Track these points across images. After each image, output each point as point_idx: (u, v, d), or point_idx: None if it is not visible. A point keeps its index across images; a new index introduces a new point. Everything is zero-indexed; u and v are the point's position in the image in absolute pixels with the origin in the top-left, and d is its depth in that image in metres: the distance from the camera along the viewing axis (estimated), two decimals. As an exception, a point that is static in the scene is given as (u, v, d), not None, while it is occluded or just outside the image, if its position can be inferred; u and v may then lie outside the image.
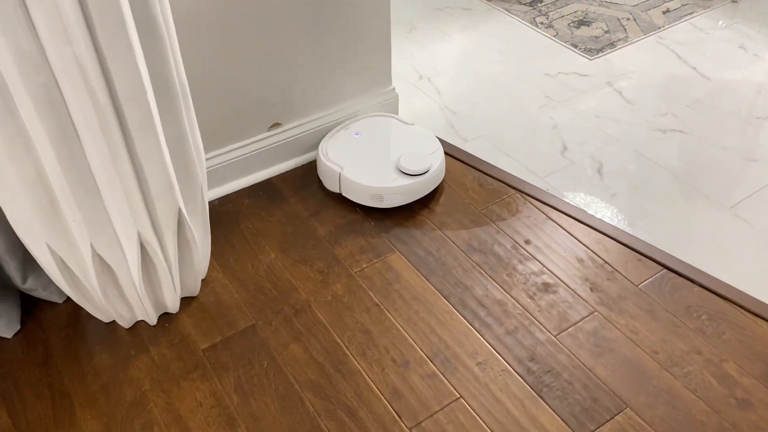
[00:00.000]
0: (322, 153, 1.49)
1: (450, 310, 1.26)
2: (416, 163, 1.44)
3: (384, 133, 1.55)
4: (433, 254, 1.37)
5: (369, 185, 1.42)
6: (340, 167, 1.45)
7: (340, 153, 1.49)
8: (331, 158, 1.47)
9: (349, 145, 1.51)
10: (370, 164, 1.46)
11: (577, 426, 1.08)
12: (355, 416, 1.10)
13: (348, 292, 1.30)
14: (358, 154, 1.48)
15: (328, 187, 1.50)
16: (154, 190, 1.05)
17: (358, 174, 1.43)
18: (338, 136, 1.53)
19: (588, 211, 1.47)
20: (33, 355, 1.20)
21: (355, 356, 1.19)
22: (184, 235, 1.16)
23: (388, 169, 1.44)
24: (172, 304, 1.24)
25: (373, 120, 1.59)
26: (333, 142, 1.51)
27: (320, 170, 1.51)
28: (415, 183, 1.43)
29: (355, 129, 1.54)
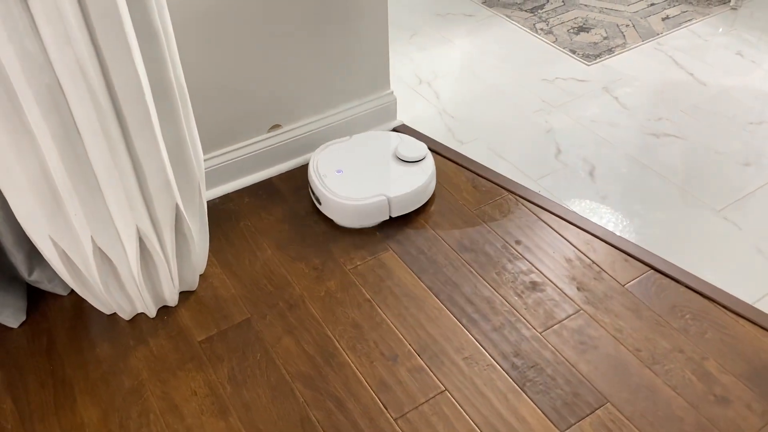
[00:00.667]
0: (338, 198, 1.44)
1: (439, 307, 1.30)
2: (413, 151, 1.50)
3: (365, 159, 1.53)
4: (425, 253, 1.41)
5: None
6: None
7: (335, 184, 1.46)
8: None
9: (337, 180, 1.47)
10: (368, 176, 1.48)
11: (558, 419, 1.11)
12: (343, 406, 1.14)
13: (341, 288, 1.34)
14: (348, 185, 1.45)
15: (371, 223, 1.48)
16: (153, 187, 1.10)
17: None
18: (324, 174, 1.48)
19: (579, 212, 1.50)
20: (37, 345, 1.25)
21: (345, 349, 1.23)
22: (181, 231, 1.21)
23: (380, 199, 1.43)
24: (170, 297, 1.29)
25: (354, 143, 1.57)
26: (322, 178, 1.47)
27: (355, 213, 1.45)
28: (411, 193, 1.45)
29: (336, 166, 1.49)
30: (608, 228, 1.46)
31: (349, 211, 1.43)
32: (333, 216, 1.46)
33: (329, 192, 1.44)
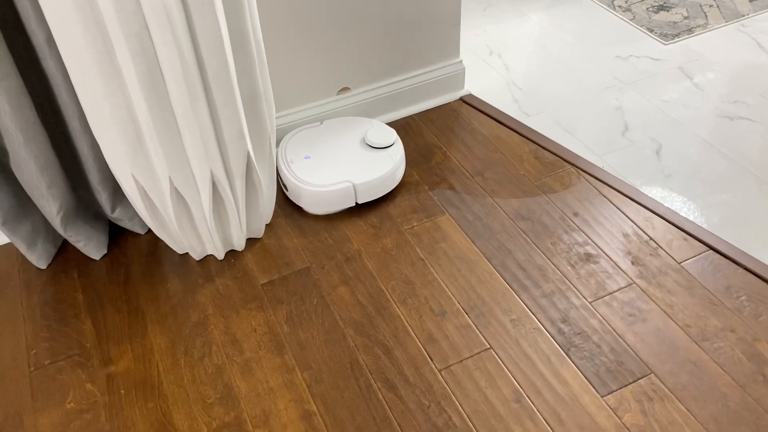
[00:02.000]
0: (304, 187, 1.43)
1: (490, 271, 1.33)
2: (382, 137, 1.49)
3: (334, 145, 1.51)
4: (482, 219, 1.44)
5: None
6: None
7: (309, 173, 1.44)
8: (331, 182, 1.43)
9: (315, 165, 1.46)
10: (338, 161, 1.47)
11: (599, 384, 1.13)
12: (391, 354, 1.19)
13: (396, 246, 1.39)
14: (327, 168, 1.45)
15: (338, 209, 1.47)
16: (227, 135, 1.18)
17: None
18: (291, 159, 1.47)
19: (641, 189, 1.49)
20: (115, 276, 1.37)
21: (396, 302, 1.28)
22: (251, 180, 1.29)
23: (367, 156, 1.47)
24: (238, 242, 1.37)
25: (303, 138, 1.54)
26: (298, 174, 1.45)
27: (316, 204, 1.45)
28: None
29: (304, 152, 1.49)
30: (670, 206, 1.45)
31: (315, 197, 1.42)
32: (299, 202, 1.45)
33: (295, 178, 1.42)
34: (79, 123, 1.23)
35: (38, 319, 1.29)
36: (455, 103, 1.77)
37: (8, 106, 1.12)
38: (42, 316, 1.29)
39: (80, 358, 1.21)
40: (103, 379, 1.18)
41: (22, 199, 1.32)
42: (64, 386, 1.17)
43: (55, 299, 1.32)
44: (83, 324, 1.27)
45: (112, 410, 1.13)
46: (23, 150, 1.19)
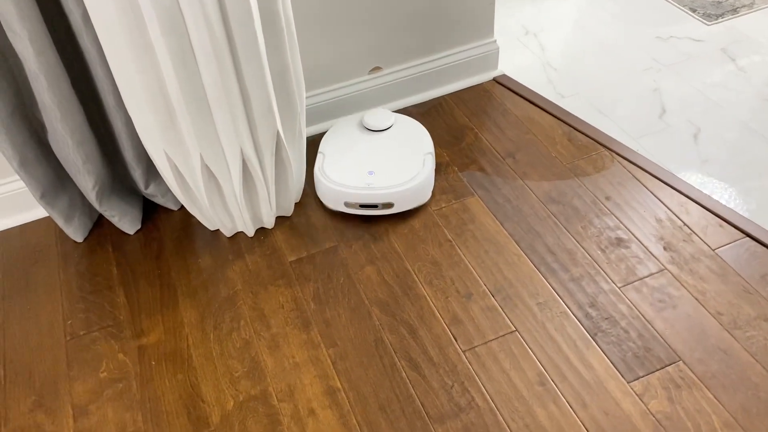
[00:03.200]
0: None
1: (519, 253, 1.32)
2: (380, 120, 1.46)
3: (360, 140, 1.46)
4: (511, 201, 1.43)
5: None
6: None
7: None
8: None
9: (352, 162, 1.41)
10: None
11: (626, 370, 1.11)
12: (415, 334, 1.20)
13: (424, 227, 1.39)
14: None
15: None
16: (257, 113, 1.18)
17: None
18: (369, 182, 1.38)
19: (676, 174, 1.46)
20: (148, 251, 1.40)
21: (422, 283, 1.28)
22: (281, 158, 1.30)
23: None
24: (267, 219, 1.39)
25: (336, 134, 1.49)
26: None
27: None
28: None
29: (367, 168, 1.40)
30: (705, 192, 1.41)
31: (423, 184, 1.38)
32: (416, 202, 1.39)
33: (396, 187, 1.35)
34: (114, 99, 1.25)
35: (74, 290, 1.33)
36: (488, 84, 1.75)
37: (46, 82, 1.15)
38: (78, 288, 1.33)
39: (113, 330, 1.25)
40: (135, 350, 1.21)
41: (59, 173, 1.36)
42: (98, 356, 1.21)
43: (90, 272, 1.36)
44: (117, 296, 1.31)
45: (143, 380, 1.17)
46: (60, 125, 1.22)
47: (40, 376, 1.19)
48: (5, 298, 1.32)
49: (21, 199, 1.45)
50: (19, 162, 1.26)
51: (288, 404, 1.11)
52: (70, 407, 1.14)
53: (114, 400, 1.14)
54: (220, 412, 1.11)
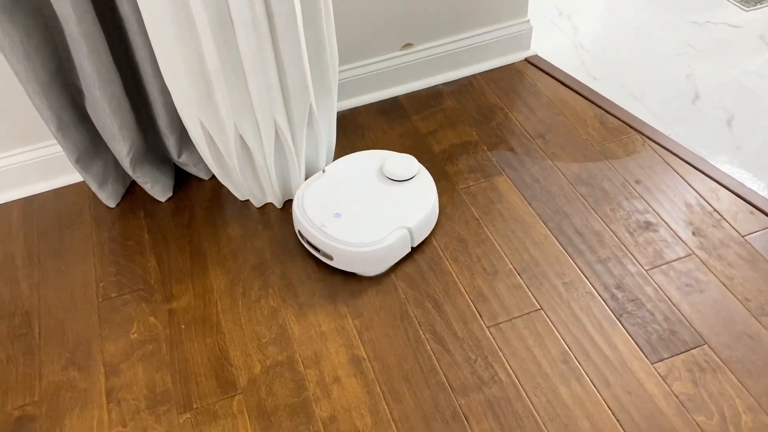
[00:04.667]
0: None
1: (546, 234, 1.32)
2: (403, 169, 1.31)
3: (353, 186, 1.31)
4: (540, 182, 1.43)
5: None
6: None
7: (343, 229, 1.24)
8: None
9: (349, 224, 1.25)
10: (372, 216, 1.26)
11: (650, 351, 1.12)
12: (440, 308, 1.21)
13: (451, 204, 1.40)
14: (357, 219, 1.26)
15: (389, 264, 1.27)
16: (291, 85, 1.19)
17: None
18: (322, 224, 1.25)
19: (708, 160, 1.45)
20: (180, 219, 1.42)
21: (448, 259, 1.29)
22: (313, 131, 1.31)
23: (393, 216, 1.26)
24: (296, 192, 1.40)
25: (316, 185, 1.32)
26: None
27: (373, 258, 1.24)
28: (428, 214, 1.28)
29: (329, 210, 1.27)
30: (738, 179, 1.40)
31: (371, 257, 1.23)
32: (352, 268, 1.25)
33: (339, 242, 1.21)
34: (151, 67, 1.26)
35: (107, 254, 1.36)
36: (520, 64, 1.74)
37: (86, 48, 1.17)
38: (110, 251, 1.36)
39: (144, 293, 1.28)
40: (165, 313, 1.24)
41: (95, 139, 1.38)
42: (129, 318, 1.24)
43: (122, 236, 1.39)
44: (148, 261, 1.33)
45: (173, 343, 1.19)
46: (98, 91, 1.24)
47: (73, 335, 1.22)
48: (40, 259, 1.36)
49: (56, 163, 1.48)
50: (56, 125, 1.29)
51: (314, 371, 1.14)
52: (102, 365, 1.17)
53: (144, 360, 1.17)
54: (248, 375, 1.14)
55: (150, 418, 1.09)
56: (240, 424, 1.07)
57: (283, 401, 1.10)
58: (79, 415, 1.10)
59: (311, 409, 1.08)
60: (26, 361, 1.19)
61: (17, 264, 1.35)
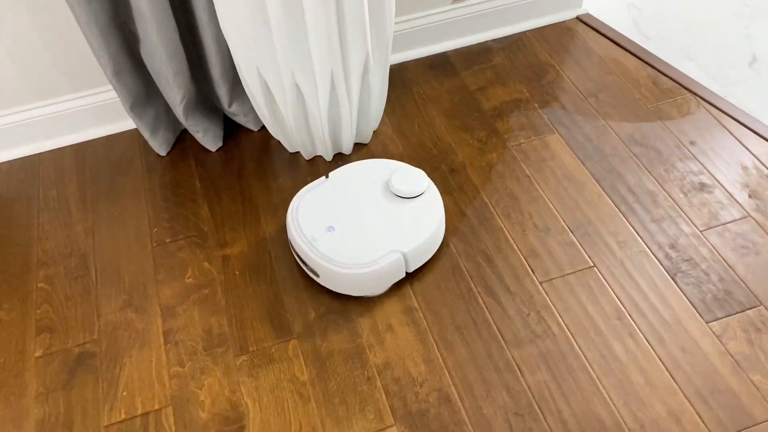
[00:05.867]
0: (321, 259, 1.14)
1: (599, 192, 1.31)
2: (411, 185, 1.20)
3: (354, 193, 1.22)
4: (592, 141, 1.41)
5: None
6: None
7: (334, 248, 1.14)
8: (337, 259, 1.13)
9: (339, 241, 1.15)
10: (365, 238, 1.15)
11: (705, 311, 1.11)
12: (492, 263, 1.21)
13: (502, 161, 1.39)
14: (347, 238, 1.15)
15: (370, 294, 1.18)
16: (350, 34, 1.18)
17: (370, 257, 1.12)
18: (312, 237, 1.16)
19: (765, 123, 1.42)
20: (230, 168, 1.43)
21: (499, 216, 1.29)
22: (366, 83, 1.30)
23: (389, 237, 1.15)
24: (347, 145, 1.40)
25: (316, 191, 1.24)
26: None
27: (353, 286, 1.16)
28: (431, 234, 1.17)
29: (324, 223, 1.17)
30: (796, 142, 1.37)
31: (358, 280, 1.13)
32: (337, 288, 1.16)
33: (326, 260, 1.12)
34: (207, 14, 1.26)
35: (159, 201, 1.37)
36: (571, 22, 1.71)
37: (146, -9, 1.16)
38: (162, 198, 1.38)
39: (198, 239, 1.29)
40: (219, 259, 1.26)
41: (148, 86, 1.39)
42: (184, 263, 1.26)
43: (174, 184, 1.40)
44: (200, 209, 1.35)
45: (227, 288, 1.21)
46: (155, 36, 1.24)
47: (129, 278, 1.24)
48: (93, 204, 1.38)
49: (107, 110, 1.49)
50: (113, 70, 1.29)
51: (367, 319, 1.15)
52: (158, 307, 1.19)
53: (200, 303, 1.19)
54: (302, 321, 1.15)
55: (207, 359, 1.12)
56: (296, 367, 1.09)
57: (338, 347, 1.12)
58: (137, 353, 1.13)
59: (365, 356, 1.10)
60: (84, 301, 1.21)
61: (71, 208, 1.37)
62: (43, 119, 1.46)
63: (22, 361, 1.14)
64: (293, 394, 1.06)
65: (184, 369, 1.11)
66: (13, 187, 1.42)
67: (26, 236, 1.33)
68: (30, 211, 1.37)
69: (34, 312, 1.20)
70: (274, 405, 1.05)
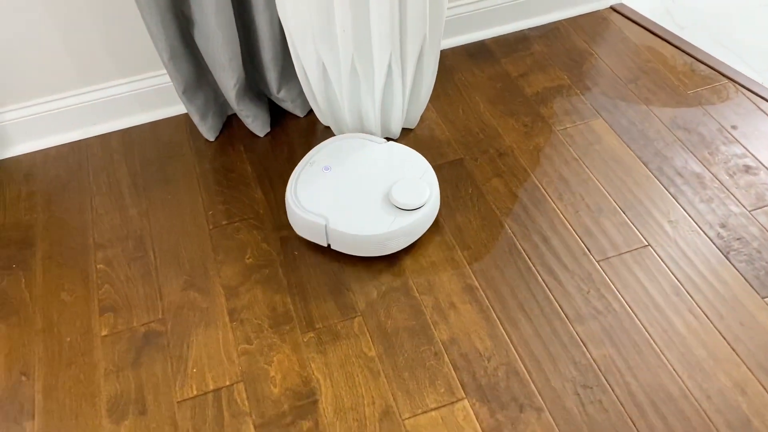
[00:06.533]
0: (293, 199, 1.22)
1: (647, 174, 1.34)
2: (414, 197, 1.19)
3: (358, 161, 1.28)
4: (636, 125, 1.44)
5: (369, 235, 1.17)
6: (324, 218, 1.18)
7: (316, 199, 1.21)
8: (308, 208, 1.20)
9: (322, 186, 1.23)
10: (359, 206, 1.20)
11: (760, 287, 1.14)
12: (548, 243, 1.24)
13: (549, 145, 1.41)
14: (339, 196, 1.22)
15: (314, 241, 1.24)
16: (410, 17, 1.20)
17: (349, 224, 1.18)
18: (305, 176, 1.25)
19: (804, 108, 1.45)
20: (279, 153, 1.44)
21: (551, 197, 1.31)
22: (420, 66, 1.32)
23: (382, 208, 1.20)
24: (396, 128, 1.42)
25: (338, 145, 1.32)
26: (302, 186, 1.24)
27: (294, 222, 1.24)
28: (420, 218, 1.20)
29: (321, 162, 1.27)
30: (836, 126, 1.41)
31: (293, 218, 1.23)
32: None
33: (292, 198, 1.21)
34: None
35: (211, 184, 1.39)
36: (605, 11, 1.73)
37: (210, -26, 1.18)
38: (215, 182, 1.39)
39: (254, 222, 1.31)
40: (277, 240, 1.27)
41: (199, 71, 1.40)
42: (242, 244, 1.27)
43: (225, 168, 1.42)
44: (254, 192, 1.36)
45: (288, 268, 1.23)
46: (213, 18, 1.25)
47: (189, 259, 1.26)
48: (145, 188, 1.39)
49: (151, 96, 1.50)
50: (169, 55, 1.30)
51: (429, 297, 1.17)
52: (221, 287, 1.21)
53: (262, 283, 1.21)
54: (365, 299, 1.17)
55: (274, 337, 1.13)
56: (363, 343, 1.11)
57: (403, 324, 1.13)
58: (203, 332, 1.15)
59: (430, 332, 1.12)
60: (145, 282, 1.23)
61: (123, 192, 1.38)
62: (91, 104, 1.47)
63: (88, 341, 1.15)
64: (363, 369, 1.08)
65: (251, 346, 1.12)
66: (63, 171, 1.43)
67: (81, 219, 1.34)
68: (82, 195, 1.38)
69: (96, 293, 1.21)
70: (345, 379, 1.07)
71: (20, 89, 1.40)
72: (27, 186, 1.41)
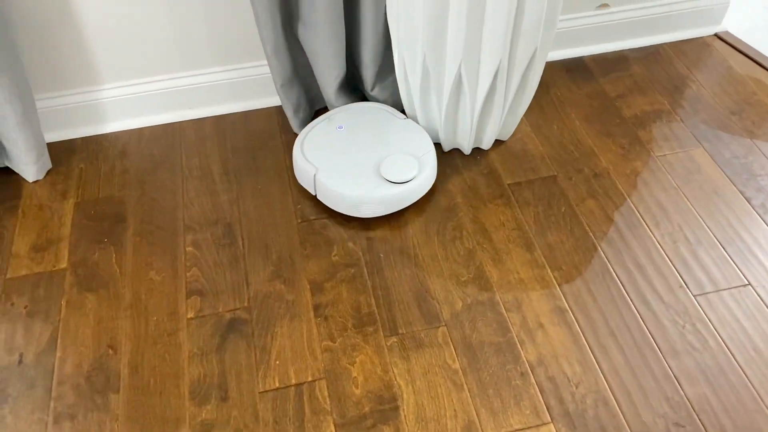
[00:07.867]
0: (299, 145, 1.33)
1: (749, 211, 1.29)
2: (400, 171, 1.25)
3: (372, 128, 1.36)
4: (740, 158, 1.38)
5: (346, 193, 1.25)
6: (315, 167, 1.28)
7: (318, 150, 1.31)
8: (307, 156, 1.30)
9: (329, 141, 1.33)
10: (350, 166, 1.28)
11: None
12: (643, 271, 1.20)
13: (648, 170, 1.37)
14: (338, 153, 1.31)
15: (306, 187, 1.33)
16: (525, 26, 1.18)
17: (334, 179, 1.26)
18: (319, 129, 1.36)
19: None
20: (369, 153, 1.44)
21: (648, 224, 1.27)
22: (525, 78, 1.30)
23: (370, 174, 1.27)
24: (488, 139, 1.40)
25: (361, 110, 1.40)
26: (312, 136, 1.34)
27: (295, 166, 1.34)
28: (400, 193, 1.26)
29: (338, 121, 1.36)
30: None
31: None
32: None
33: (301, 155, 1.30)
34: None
35: (300, 178, 1.39)
36: (709, 38, 1.68)
37: (329, -31, 1.18)
38: (304, 176, 1.39)
39: (342, 219, 1.31)
40: (364, 240, 1.27)
41: (297, 65, 1.41)
42: (329, 241, 1.27)
43: (314, 163, 1.42)
44: (343, 190, 1.36)
45: (373, 269, 1.22)
46: (322, 14, 1.25)
47: (276, 250, 1.26)
48: (236, 176, 1.40)
49: (246, 86, 1.51)
50: (273, 47, 1.31)
51: (516, 315, 1.14)
52: (307, 282, 1.21)
53: (347, 282, 1.20)
54: (450, 310, 1.15)
55: (358, 337, 1.12)
56: (447, 354, 1.10)
57: (488, 339, 1.11)
58: (288, 324, 1.15)
59: (517, 350, 1.10)
60: (232, 268, 1.23)
61: (215, 177, 1.40)
62: (188, 89, 1.49)
63: (175, 321, 1.16)
64: (446, 380, 1.07)
65: (335, 344, 1.12)
66: (157, 151, 1.46)
67: (172, 200, 1.36)
68: (174, 177, 1.40)
69: (184, 275, 1.23)
70: (428, 389, 1.06)
71: (122, 68, 1.43)
72: (121, 163, 1.44)
